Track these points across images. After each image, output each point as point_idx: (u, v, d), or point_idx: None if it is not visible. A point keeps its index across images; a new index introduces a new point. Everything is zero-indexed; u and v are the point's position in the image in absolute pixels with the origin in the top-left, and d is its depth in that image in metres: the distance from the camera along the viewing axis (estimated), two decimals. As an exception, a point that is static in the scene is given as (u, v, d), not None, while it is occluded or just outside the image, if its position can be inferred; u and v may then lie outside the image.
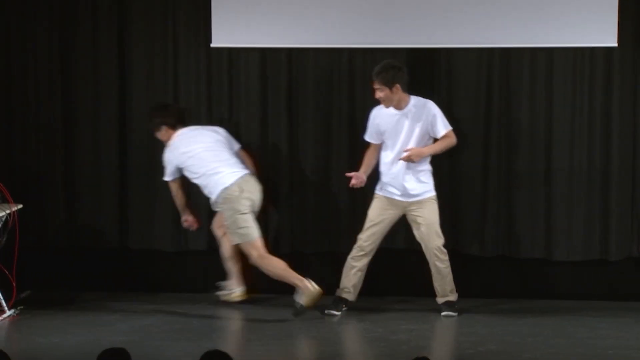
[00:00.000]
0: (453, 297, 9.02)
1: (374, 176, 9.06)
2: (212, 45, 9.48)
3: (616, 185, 9.35)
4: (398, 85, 8.80)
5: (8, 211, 8.78)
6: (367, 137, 9.07)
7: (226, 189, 8.83)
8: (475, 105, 9.41)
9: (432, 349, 8.21)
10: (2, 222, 8.79)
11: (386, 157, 8.97)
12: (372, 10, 9.29)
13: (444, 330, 8.73)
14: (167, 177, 9.14)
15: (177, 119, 9.21)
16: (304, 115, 9.58)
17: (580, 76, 9.28)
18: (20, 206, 8.93)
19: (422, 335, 8.41)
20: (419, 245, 9.11)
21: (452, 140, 8.99)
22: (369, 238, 8.95)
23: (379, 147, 9.06)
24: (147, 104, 9.59)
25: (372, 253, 9.03)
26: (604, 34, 9.14)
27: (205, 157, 8.98)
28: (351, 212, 9.52)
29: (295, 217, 9.67)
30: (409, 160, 8.84)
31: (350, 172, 9.08)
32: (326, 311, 8.93)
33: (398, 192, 8.92)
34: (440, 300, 9.00)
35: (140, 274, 9.72)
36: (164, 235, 9.69)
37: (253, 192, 8.96)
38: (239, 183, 8.86)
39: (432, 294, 9.09)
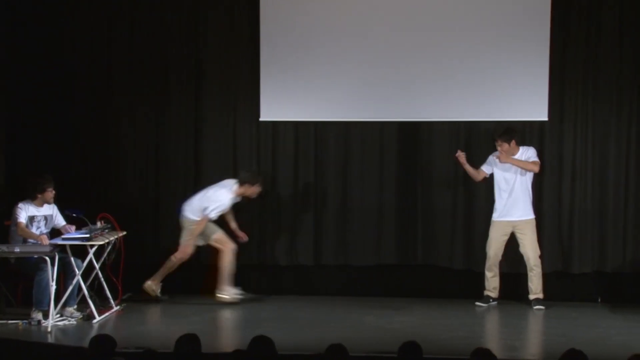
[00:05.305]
0: (541, 295, 9.08)
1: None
2: (260, 119, 9.62)
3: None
4: (513, 141, 9.07)
5: (116, 236, 8.87)
6: (483, 168, 9.17)
7: None
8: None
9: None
10: (112, 245, 8.85)
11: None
12: (373, 95, 9.41)
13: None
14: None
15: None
16: (327, 167, 9.67)
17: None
18: (124, 232, 9.02)
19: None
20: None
21: (535, 167, 9.06)
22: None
23: (483, 174, 9.18)
24: (215, 151, 9.72)
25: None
26: (538, 111, 9.24)
27: None
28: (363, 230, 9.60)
29: (317, 235, 9.67)
30: (498, 159, 8.99)
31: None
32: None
33: None
34: (531, 296, 9.10)
35: (207, 281, 9.50)
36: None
37: None
38: None
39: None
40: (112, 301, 8.97)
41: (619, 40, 9.26)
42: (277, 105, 9.60)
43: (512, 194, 9.09)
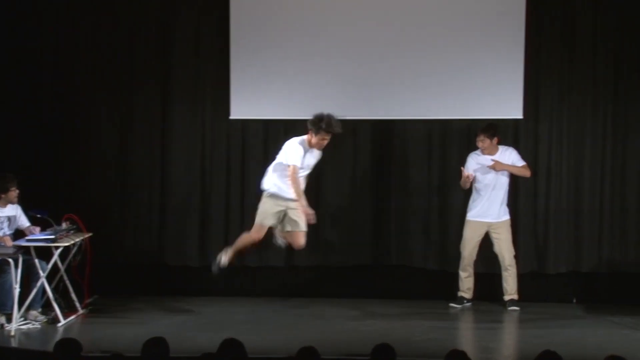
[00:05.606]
0: (515, 296, 9.07)
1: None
2: (230, 117, 9.57)
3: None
4: (496, 139, 9.06)
5: (82, 238, 8.80)
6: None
7: None
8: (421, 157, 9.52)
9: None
10: (77, 246, 8.78)
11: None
12: (346, 93, 9.36)
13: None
14: None
15: None
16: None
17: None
18: (90, 234, 8.94)
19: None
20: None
21: (527, 171, 9.10)
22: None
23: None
24: (183, 150, 9.68)
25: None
26: (513, 109, 9.26)
27: None
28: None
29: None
30: (492, 168, 8.97)
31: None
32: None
33: None
34: (506, 297, 9.11)
35: (176, 282, 9.70)
36: (192, 255, 9.71)
37: None
38: None
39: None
40: (77, 304, 8.89)
41: (593, 38, 9.34)
42: (248, 103, 9.55)
43: (491, 195, 9.10)
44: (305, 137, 8.53)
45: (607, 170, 9.41)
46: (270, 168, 8.59)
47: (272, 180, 8.51)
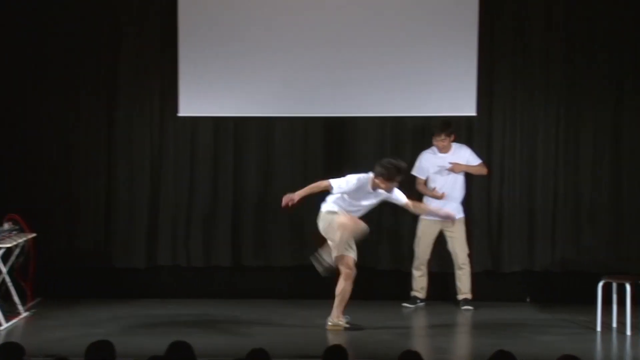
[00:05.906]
0: (469, 295, 9.10)
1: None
2: (178, 114, 9.52)
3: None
4: (453, 136, 9.11)
5: (25, 239, 8.73)
6: (421, 176, 9.09)
7: None
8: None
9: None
10: (20, 247, 8.71)
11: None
12: (297, 90, 9.36)
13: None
14: None
15: None
16: (248, 164, 9.65)
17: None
18: (34, 235, 8.89)
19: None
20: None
21: (484, 169, 9.15)
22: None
23: (422, 181, 9.10)
24: (130, 148, 9.61)
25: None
26: (466, 106, 9.29)
27: None
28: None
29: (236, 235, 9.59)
30: (452, 170, 9.03)
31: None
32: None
33: None
34: (460, 296, 9.14)
35: (123, 284, 9.62)
36: (139, 256, 9.66)
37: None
38: None
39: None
40: (20, 307, 8.79)
41: (547, 33, 9.40)
42: (197, 100, 9.48)
43: (446, 194, 9.09)
44: (370, 177, 8.24)
45: (561, 168, 9.48)
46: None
47: (335, 203, 8.32)
